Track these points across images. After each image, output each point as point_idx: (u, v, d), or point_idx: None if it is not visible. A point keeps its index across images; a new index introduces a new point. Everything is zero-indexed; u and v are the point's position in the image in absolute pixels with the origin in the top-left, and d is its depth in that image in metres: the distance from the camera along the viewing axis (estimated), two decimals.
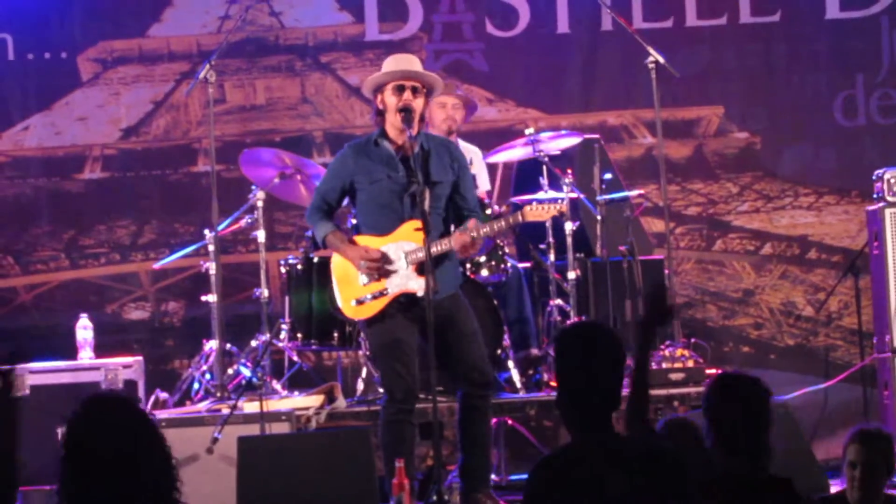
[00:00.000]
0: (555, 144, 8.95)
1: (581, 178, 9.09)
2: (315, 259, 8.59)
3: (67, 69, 10.42)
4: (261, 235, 8.82)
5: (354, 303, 7.34)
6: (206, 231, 8.82)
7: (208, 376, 8.68)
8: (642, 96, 9.71)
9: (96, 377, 8.51)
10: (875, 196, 8.97)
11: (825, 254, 10.50)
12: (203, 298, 8.79)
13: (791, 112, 10.56)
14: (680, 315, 9.37)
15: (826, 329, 10.45)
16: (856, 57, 10.52)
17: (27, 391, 8.36)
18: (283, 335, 8.72)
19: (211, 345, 8.71)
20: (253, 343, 8.83)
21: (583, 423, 4.33)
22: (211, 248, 8.72)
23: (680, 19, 10.48)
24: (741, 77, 10.55)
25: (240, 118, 10.49)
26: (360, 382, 8.59)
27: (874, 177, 8.96)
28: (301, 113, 10.52)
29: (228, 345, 8.77)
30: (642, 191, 9.77)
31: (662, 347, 8.62)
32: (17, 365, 4.24)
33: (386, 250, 7.29)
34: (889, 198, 8.87)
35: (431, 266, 6.99)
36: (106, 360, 8.67)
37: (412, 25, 10.51)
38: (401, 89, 7.32)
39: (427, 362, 6.97)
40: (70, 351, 8.83)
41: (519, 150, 8.99)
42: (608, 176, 9.10)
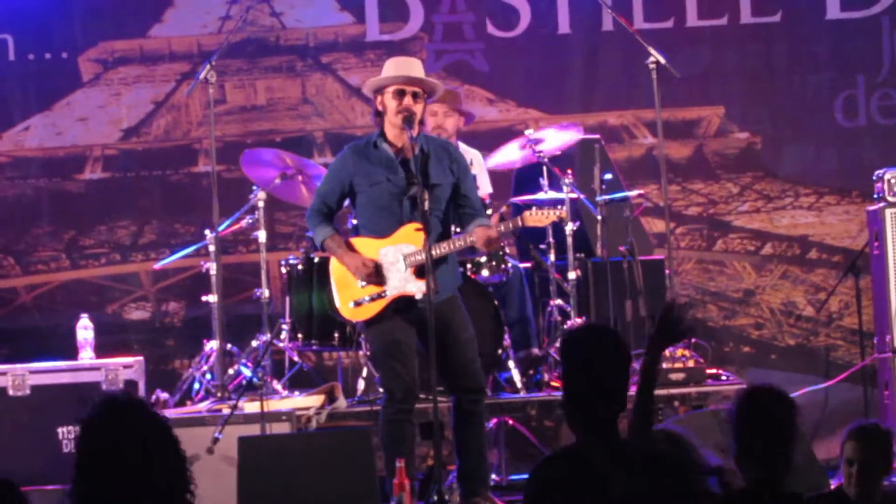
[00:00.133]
0: (553, 139, 8.93)
1: (581, 179, 9.09)
2: (316, 259, 8.59)
3: (68, 69, 10.41)
4: (261, 236, 8.82)
5: (352, 305, 7.35)
6: (207, 231, 8.82)
7: (209, 376, 8.68)
8: (643, 96, 9.70)
9: (97, 377, 8.50)
10: (875, 196, 8.96)
11: (826, 254, 10.50)
12: (204, 299, 8.80)
13: (792, 112, 10.55)
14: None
15: (827, 329, 10.44)
16: (856, 57, 10.51)
17: (27, 391, 8.37)
18: (284, 335, 8.72)
19: (211, 345, 8.71)
20: (253, 343, 8.83)
21: (587, 425, 4.33)
22: (211, 249, 8.73)
23: (680, 20, 10.47)
24: (742, 77, 10.54)
25: (240, 118, 10.48)
26: (361, 382, 8.59)
27: (874, 177, 8.95)
28: (302, 113, 10.51)
29: (229, 345, 8.78)
30: (642, 191, 9.76)
31: None
32: None
33: (385, 252, 7.30)
34: (889, 198, 8.86)
35: (431, 268, 7.00)
36: (106, 361, 8.66)
37: (413, 26, 10.50)
38: (401, 94, 7.33)
39: (427, 363, 6.98)
40: (70, 351, 8.82)
41: (517, 153, 8.99)
42: (608, 176, 9.10)
